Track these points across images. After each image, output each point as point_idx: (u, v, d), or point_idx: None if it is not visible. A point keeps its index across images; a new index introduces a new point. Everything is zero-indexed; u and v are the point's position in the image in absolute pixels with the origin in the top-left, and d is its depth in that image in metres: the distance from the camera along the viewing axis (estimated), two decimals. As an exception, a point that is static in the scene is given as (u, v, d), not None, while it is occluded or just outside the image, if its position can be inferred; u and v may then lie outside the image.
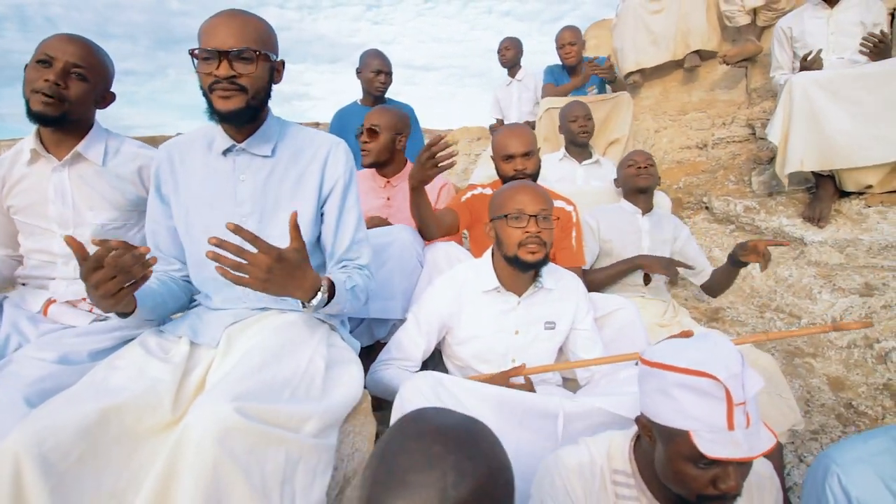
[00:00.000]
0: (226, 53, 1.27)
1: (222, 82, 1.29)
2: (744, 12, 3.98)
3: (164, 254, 1.48)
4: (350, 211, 1.50)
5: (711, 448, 0.96)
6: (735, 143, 3.92)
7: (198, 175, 1.45)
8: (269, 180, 1.43)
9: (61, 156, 1.56)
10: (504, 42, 4.51)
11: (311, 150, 1.47)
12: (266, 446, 1.04)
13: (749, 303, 2.90)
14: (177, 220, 1.46)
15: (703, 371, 0.99)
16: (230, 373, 1.16)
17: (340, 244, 1.49)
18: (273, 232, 1.44)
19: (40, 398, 1.15)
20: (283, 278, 1.17)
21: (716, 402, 0.98)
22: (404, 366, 1.74)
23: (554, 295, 1.78)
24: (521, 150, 2.24)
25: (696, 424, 0.99)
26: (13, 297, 1.59)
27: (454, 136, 6.13)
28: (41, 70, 1.47)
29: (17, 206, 1.59)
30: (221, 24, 1.29)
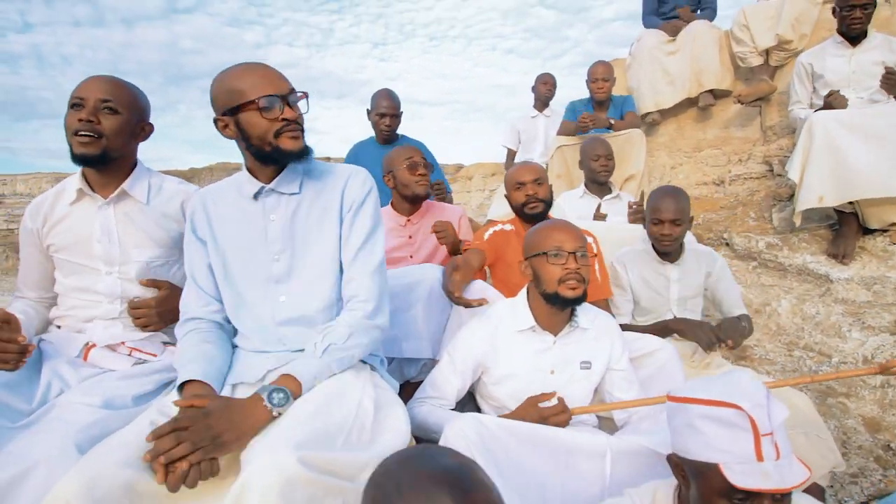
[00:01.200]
0: (286, 97, 1.35)
1: (291, 124, 1.35)
2: (756, 53, 4.06)
3: (205, 293, 1.48)
4: (360, 225, 1.47)
5: (742, 480, 0.96)
6: (752, 179, 3.95)
7: (231, 220, 1.47)
8: (297, 216, 1.46)
9: (106, 195, 1.59)
10: (545, 76, 4.58)
11: (332, 180, 1.50)
12: (324, 496, 1.03)
13: (776, 340, 2.87)
14: (214, 264, 1.47)
15: (725, 401, 1.00)
16: (283, 420, 1.15)
17: (347, 256, 1.46)
18: (307, 263, 1.45)
19: (89, 444, 1.15)
20: (218, 429, 1.12)
21: (742, 432, 0.99)
22: (439, 404, 1.73)
23: (589, 334, 1.77)
24: (532, 178, 2.30)
25: (725, 456, 0.99)
26: (50, 341, 1.58)
27: (468, 171, 6.20)
28: (75, 113, 1.51)
29: (59, 244, 1.60)
30: (269, 71, 1.37)
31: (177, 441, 1.06)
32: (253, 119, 1.34)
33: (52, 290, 1.69)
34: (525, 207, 2.31)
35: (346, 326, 1.36)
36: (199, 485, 1.12)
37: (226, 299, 1.48)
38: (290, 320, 1.44)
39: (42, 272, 1.67)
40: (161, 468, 1.03)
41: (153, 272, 1.63)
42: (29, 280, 1.69)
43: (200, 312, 1.46)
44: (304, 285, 1.45)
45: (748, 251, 3.38)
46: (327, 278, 1.46)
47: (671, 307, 2.35)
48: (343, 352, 1.33)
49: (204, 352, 1.35)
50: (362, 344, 1.37)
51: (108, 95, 1.53)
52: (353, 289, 1.43)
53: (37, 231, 1.61)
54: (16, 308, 1.63)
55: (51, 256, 1.63)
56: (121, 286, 1.59)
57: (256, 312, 1.45)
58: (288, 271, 1.44)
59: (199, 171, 22.30)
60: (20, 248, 1.69)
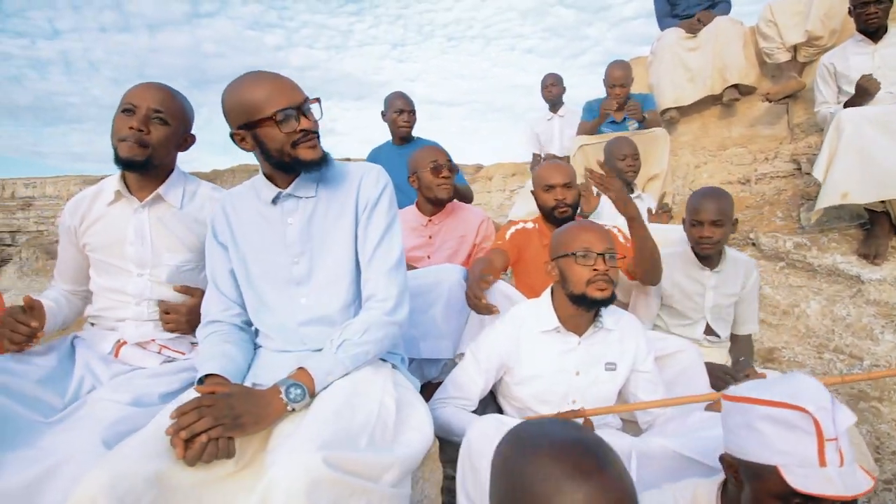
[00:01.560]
0: (300, 108, 1.36)
1: (309, 134, 1.37)
2: (783, 49, 3.97)
3: (225, 297, 1.50)
4: (375, 223, 1.47)
5: (803, 483, 0.93)
6: (780, 178, 3.86)
7: (251, 225, 1.49)
8: (314, 218, 1.46)
9: (143, 198, 1.61)
10: (549, 78, 4.56)
11: (347, 180, 1.50)
12: (349, 497, 1.02)
13: (805, 343, 2.81)
14: (236, 268, 1.49)
15: (790, 403, 0.97)
16: (306, 420, 1.15)
17: (364, 255, 1.46)
18: (326, 264, 1.46)
19: (116, 440, 1.17)
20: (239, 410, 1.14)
21: (805, 436, 0.95)
22: (462, 405, 1.72)
23: (614, 335, 1.75)
24: (562, 181, 2.27)
25: (786, 459, 0.96)
26: (84, 338, 1.62)
27: (488, 171, 6.18)
28: (126, 118, 1.53)
29: (94, 244, 1.63)
30: (284, 82, 1.38)
31: (199, 416, 1.08)
32: (270, 133, 1.35)
33: (85, 284, 1.73)
34: (555, 211, 2.27)
35: (361, 323, 1.36)
36: (224, 484, 1.12)
37: (248, 302, 1.49)
38: (311, 321, 1.45)
39: (76, 267, 1.71)
40: (181, 443, 1.05)
41: (183, 276, 1.65)
42: (64, 273, 1.74)
43: (221, 316, 1.48)
44: (323, 286, 1.45)
45: (775, 251, 3.31)
46: (346, 278, 1.46)
47: (705, 314, 2.29)
48: (357, 347, 1.32)
49: (223, 351, 1.36)
50: (377, 339, 1.36)
51: (160, 106, 1.55)
52: (371, 288, 1.43)
53: (74, 228, 1.64)
54: (48, 295, 1.69)
55: (87, 255, 1.67)
56: (150, 288, 1.62)
57: (278, 314, 1.46)
58: (308, 273, 1.45)
59: (222, 172, 22.60)
60: (59, 242, 1.73)
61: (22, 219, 32.00)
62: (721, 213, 2.12)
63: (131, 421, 1.26)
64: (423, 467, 1.32)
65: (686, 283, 2.29)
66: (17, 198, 32.74)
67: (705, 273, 2.27)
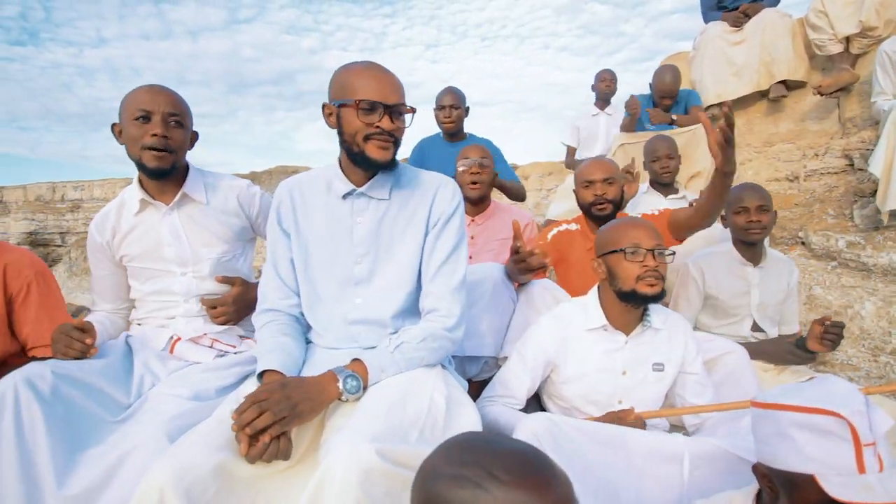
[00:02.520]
0: (390, 108, 1.35)
1: (384, 133, 1.36)
2: (836, 40, 3.82)
3: (285, 285, 1.50)
4: (445, 240, 1.46)
5: (842, 492, 0.89)
6: (831, 174, 3.72)
7: (318, 215, 1.49)
8: (383, 222, 1.46)
9: (167, 200, 1.64)
10: (608, 73, 4.49)
11: (421, 190, 1.49)
12: (401, 490, 1.02)
13: (859, 345, 2.70)
14: (296, 257, 1.50)
15: (823, 408, 0.93)
16: (358, 413, 1.17)
17: (429, 270, 1.46)
18: (387, 269, 1.46)
19: (178, 433, 1.21)
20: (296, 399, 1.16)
21: (841, 442, 0.91)
22: (509, 403, 1.71)
23: (662, 335, 1.72)
24: (602, 176, 2.23)
25: (821, 467, 0.92)
26: (136, 337, 1.66)
27: (524, 170, 6.14)
28: (143, 126, 1.52)
29: (132, 254, 1.66)
30: (384, 80, 1.36)
31: (259, 411, 1.10)
32: (351, 117, 1.36)
33: (126, 299, 1.77)
34: (593, 208, 2.25)
35: (421, 330, 1.38)
36: (280, 476, 1.15)
37: (303, 294, 1.50)
38: (362, 321, 1.46)
39: (115, 283, 1.74)
40: (246, 439, 1.08)
41: (223, 267, 1.69)
42: (103, 292, 1.76)
43: (279, 305, 1.49)
44: (381, 291, 1.46)
45: (826, 250, 3.19)
46: (405, 287, 1.46)
47: (751, 312, 2.25)
48: (414, 352, 1.34)
49: (282, 344, 1.38)
50: (433, 349, 1.38)
51: (174, 109, 1.56)
52: (433, 303, 1.43)
53: (107, 244, 1.67)
54: (93, 318, 1.72)
55: (124, 266, 1.70)
56: (196, 285, 1.66)
57: (330, 310, 1.47)
58: (368, 275, 1.46)
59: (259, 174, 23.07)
60: (90, 264, 1.75)
61: (71, 220, 33.28)
62: (764, 199, 2.16)
63: (191, 415, 1.31)
64: (471, 464, 1.32)
65: (731, 281, 2.25)
66: (67, 200, 34.07)
67: (748, 269, 2.24)
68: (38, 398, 1.23)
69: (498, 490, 0.68)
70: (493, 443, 0.75)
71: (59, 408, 1.26)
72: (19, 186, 35.41)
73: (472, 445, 0.75)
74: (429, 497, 0.73)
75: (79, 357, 1.42)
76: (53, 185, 34.17)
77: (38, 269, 1.65)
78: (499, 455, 0.72)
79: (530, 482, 0.69)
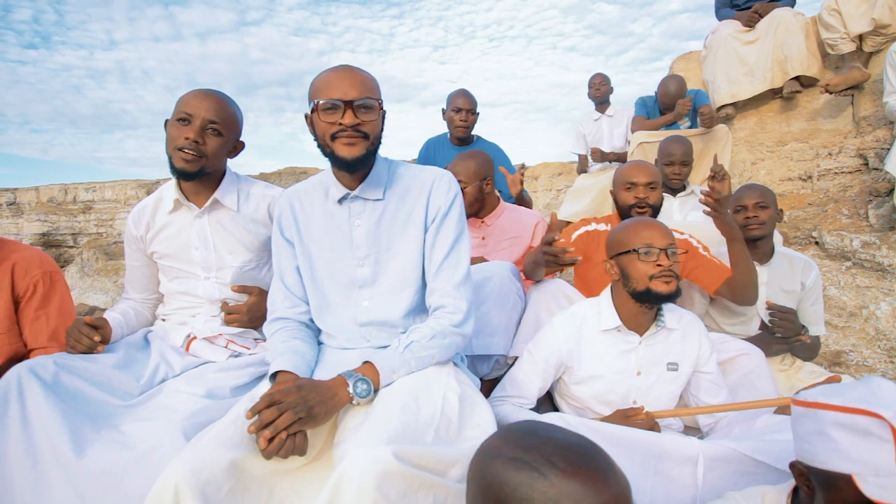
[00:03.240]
0: (350, 103, 1.33)
1: (348, 130, 1.33)
2: (847, 39, 3.78)
3: (292, 294, 1.51)
4: (444, 235, 1.45)
5: (879, 493, 0.89)
6: (845, 174, 3.68)
7: (317, 222, 1.49)
8: (381, 222, 1.45)
9: (200, 203, 1.65)
10: (597, 77, 4.49)
11: (417, 186, 1.48)
12: (417, 491, 1.03)
13: (874, 346, 2.67)
14: (301, 266, 1.50)
15: (864, 409, 0.93)
16: (373, 414, 1.17)
17: (431, 266, 1.45)
18: (390, 269, 1.46)
19: (194, 430, 1.22)
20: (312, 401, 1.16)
21: (881, 442, 0.91)
22: (519, 403, 1.71)
23: (676, 335, 1.71)
24: (645, 180, 2.17)
25: (860, 467, 0.92)
26: (156, 332, 1.69)
27: (534, 171, 6.13)
28: (181, 128, 1.54)
29: (162, 251, 1.68)
30: (344, 78, 1.35)
31: (278, 412, 1.11)
32: (318, 120, 1.36)
33: (156, 290, 1.79)
34: (632, 210, 2.18)
35: (429, 328, 1.37)
36: (295, 475, 1.16)
37: (311, 300, 1.50)
38: (372, 323, 1.46)
39: (146, 275, 1.76)
40: (266, 435, 1.09)
41: (245, 276, 1.70)
42: (134, 282, 1.79)
43: (288, 313, 1.49)
44: (387, 291, 1.46)
45: (840, 250, 3.16)
46: (410, 285, 1.46)
47: (759, 310, 2.23)
48: (424, 350, 1.34)
49: (293, 347, 1.39)
50: (443, 345, 1.37)
51: (215, 117, 1.57)
52: (439, 300, 1.42)
53: (140, 237, 1.70)
54: (118, 308, 1.75)
55: (155, 261, 1.72)
56: (218, 290, 1.67)
57: (339, 314, 1.47)
58: (372, 277, 1.46)
59: (269, 175, 23.17)
60: (125, 253, 1.77)
61: (83, 221, 33.60)
62: (763, 196, 2.21)
63: (206, 412, 1.32)
64: (486, 464, 1.32)
65: None
66: (79, 202, 34.39)
67: (756, 268, 2.18)
68: (41, 384, 1.27)
69: (555, 477, 0.69)
70: (554, 432, 0.77)
71: (63, 394, 1.29)
72: (32, 188, 35.76)
73: (534, 432, 0.76)
74: (485, 476, 0.74)
75: (85, 352, 1.44)
76: (65, 187, 34.52)
77: (45, 269, 1.66)
78: (560, 444, 0.73)
79: (587, 474, 0.70)
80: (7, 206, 33.77)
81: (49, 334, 1.62)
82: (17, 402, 1.24)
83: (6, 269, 1.60)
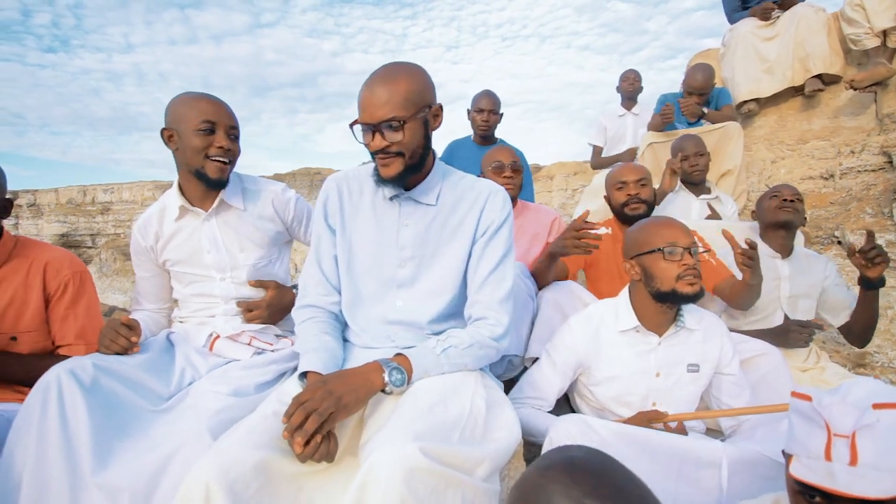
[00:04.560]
0: (377, 126, 1.31)
1: (380, 152, 1.33)
2: (871, 34, 3.71)
3: (328, 281, 1.48)
4: (493, 249, 1.43)
5: (803, 472, 0.92)
6: (868, 172, 3.61)
7: (365, 215, 1.47)
8: (431, 227, 1.44)
9: (206, 207, 1.65)
10: (631, 73, 4.42)
11: (470, 197, 1.46)
12: (445, 488, 1.02)
13: (900, 348, 2.61)
14: (340, 255, 1.48)
15: (804, 393, 0.98)
16: (400, 412, 1.17)
17: (475, 279, 1.43)
18: (431, 275, 1.44)
19: (220, 428, 1.23)
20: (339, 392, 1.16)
21: (815, 427, 0.95)
22: (538, 405, 1.69)
23: (696, 336, 1.68)
24: (635, 178, 2.24)
25: (798, 449, 0.96)
26: (178, 333, 1.69)
27: (549, 170, 6.09)
28: (207, 137, 1.55)
29: (174, 259, 1.69)
30: (370, 96, 1.31)
31: (305, 413, 1.10)
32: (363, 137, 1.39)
33: (169, 299, 1.80)
34: (626, 208, 2.24)
35: (469, 336, 1.36)
36: (322, 473, 1.16)
37: (344, 291, 1.48)
38: (401, 322, 1.45)
39: (158, 284, 1.78)
40: (300, 443, 1.09)
41: (259, 272, 1.71)
42: (146, 293, 1.80)
43: (320, 301, 1.47)
44: (423, 295, 1.44)
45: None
46: (447, 292, 1.45)
47: (781, 305, 2.21)
48: (459, 357, 1.33)
49: (325, 343, 1.37)
50: (478, 356, 1.37)
51: (233, 122, 1.61)
52: (481, 311, 1.41)
53: (150, 248, 1.70)
54: (135, 316, 1.74)
55: (167, 270, 1.73)
56: (235, 289, 1.69)
57: (370, 309, 1.46)
58: (412, 279, 1.44)
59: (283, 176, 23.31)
60: (134, 265, 1.78)
61: (101, 222, 34.10)
62: (798, 192, 2.23)
63: (232, 410, 1.32)
64: (508, 465, 1.31)
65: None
66: (97, 203, 34.91)
67: (777, 261, 2.24)
68: (80, 387, 1.27)
69: None
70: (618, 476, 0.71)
71: (99, 397, 1.29)
72: (51, 190, 36.35)
73: (596, 472, 0.69)
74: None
75: (120, 353, 1.45)
76: (84, 189, 35.06)
77: (76, 269, 1.68)
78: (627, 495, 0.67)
79: None
80: (27, 207, 34.41)
81: (77, 332, 1.64)
82: (56, 405, 1.24)
83: (38, 268, 1.62)
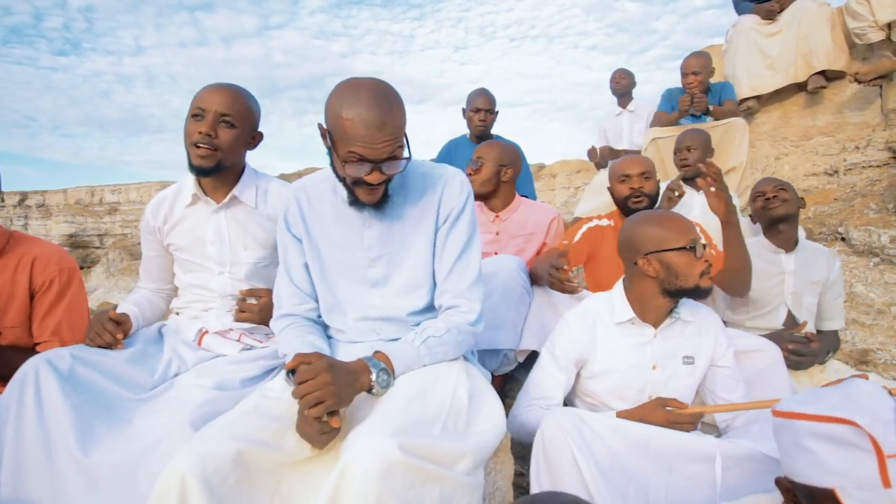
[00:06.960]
0: (378, 164, 1.24)
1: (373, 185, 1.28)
2: (876, 28, 3.67)
3: (300, 290, 1.47)
4: (456, 236, 1.41)
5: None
6: (873, 167, 3.58)
7: (327, 220, 1.45)
8: (393, 224, 1.42)
9: (219, 199, 1.64)
10: (619, 72, 4.45)
11: (429, 185, 1.43)
12: (423, 483, 1.01)
13: (904, 344, 2.58)
14: (310, 263, 1.47)
15: (838, 417, 0.86)
16: (380, 406, 1.16)
17: (442, 267, 1.42)
18: (403, 270, 1.43)
19: (202, 421, 1.22)
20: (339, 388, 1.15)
21: (861, 453, 0.85)
22: (546, 405, 1.64)
23: (692, 328, 1.66)
24: (638, 171, 2.22)
25: (842, 480, 0.85)
26: (170, 326, 1.69)
27: (551, 169, 6.08)
28: (195, 123, 1.54)
29: (178, 244, 1.69)
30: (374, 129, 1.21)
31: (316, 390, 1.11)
32: (338, 160, 1.29)
33: (170, 282, 1.80)
34: (629, 201, 2.22)
35: (444, 324, 1.36)
36: (301, 467, 1.15)
37: (321, 297, 1.48)
38: (382, 318, 1.44)
39: (161, 265, 1.77)
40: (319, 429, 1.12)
41: (259, 272, 1.70)
42: (149, 272, 1.80)
43: (295, 310, 1.47)
44: (399, 291, 1.44)
45: (868, 246, 3.07)
46: (423, 286, 1.44)
47: (785, 299, 2.18)
48: (439, 346, 1.32)
49: (310, 341, 1.37)
50: (457, 342, 1.36)
51: (227, 110, 1.55)
52: (452, 300, 1.40)
53: (158, 229, 1.70)
54: (132, 300, 1.75)
55: (171, 253, 1.73)
56: (231, 285, 1.67)
57: (349, 311, 1.46)
58: (384, 277, 1.43)
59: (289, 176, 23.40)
60: (142, 242, 1.78)
61: (109, 223, 34.33)
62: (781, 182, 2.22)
63: (215, 404, 1.32)
64: (495, 459, 1.29)
65: (764, 268, 2.19)
66: (105, 203, 35.15)
67: (781, 256, 2.21)
68: (57, 376, 1.28)
69: None
70: None
71: (77, 386, 1.30)
72: (60, 190, 36.62)
73: None
74: None
75: (105, 347, 1.45)
76: (92, 189, 35.31)
77: (64, 266, 1.67)
78: None
79: None
80: (36, 207, 34.71)
81: (53, 329, 1.63)
82: (33, 393, 1.25)
83: (26, 263, 1.61)
